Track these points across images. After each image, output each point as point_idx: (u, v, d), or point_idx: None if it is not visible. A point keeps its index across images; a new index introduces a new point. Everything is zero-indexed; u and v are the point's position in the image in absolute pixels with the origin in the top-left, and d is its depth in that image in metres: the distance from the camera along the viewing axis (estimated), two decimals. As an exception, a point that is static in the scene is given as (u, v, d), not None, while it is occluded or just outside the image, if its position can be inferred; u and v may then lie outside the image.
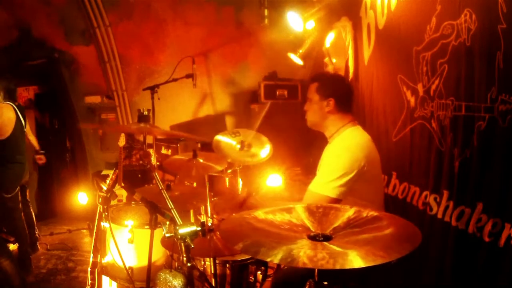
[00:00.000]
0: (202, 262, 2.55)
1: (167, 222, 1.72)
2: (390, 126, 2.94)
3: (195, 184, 3.49)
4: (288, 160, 3.93)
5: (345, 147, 2.19)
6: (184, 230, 1.64)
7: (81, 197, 4.95)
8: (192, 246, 1.62)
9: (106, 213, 2.42)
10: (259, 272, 2.48)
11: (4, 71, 4.90)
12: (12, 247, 4.12)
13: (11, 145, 3.64)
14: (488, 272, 1.97)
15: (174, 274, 1.76)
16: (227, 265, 2.41)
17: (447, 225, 2.26)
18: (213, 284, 2.35)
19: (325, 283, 1.47)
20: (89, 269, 2.69)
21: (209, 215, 2.61)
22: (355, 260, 1.18)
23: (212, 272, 2.35)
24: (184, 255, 1.65)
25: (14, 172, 3.70)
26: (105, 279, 2.79)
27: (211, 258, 2.36)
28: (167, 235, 1.67)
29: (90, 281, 2.67)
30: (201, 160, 2.67)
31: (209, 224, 2.44)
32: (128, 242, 2.68)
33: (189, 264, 1.67)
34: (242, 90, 5.46)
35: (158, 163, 4.20)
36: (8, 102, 3.68)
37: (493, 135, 1.93)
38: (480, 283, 2.03)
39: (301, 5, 3.82)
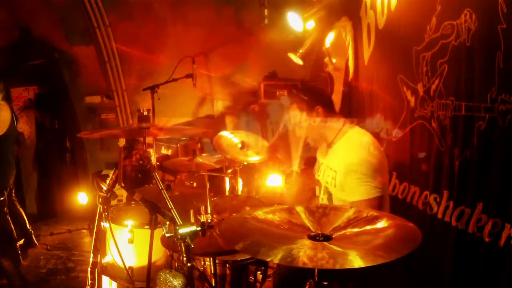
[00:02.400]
0: (202, 262, 2.55)
1: (167, 222, 1.72)
2: (390, 126, 2.94)
3: (195, 184, 3.50)
4: (288, 160, 3.93)
5: (366, 146, 2.18)
6: (184, 230, 1.64)
7: (81, 197, 4.95)
8: (192, 246, 1.63)
9: (106, 213, 2.42)
10: (259, 272, 2.48)
11: (4, 71, 4.91)
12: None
13: (3, 145, 3.59)
14: (488, 272, 1.97)
15: (174, 274, 1.76)
16: (227, 265, 2.41)
17: (447, 225, 2.25)
18: (213, 284, 2.36)
19: (325, 283, 1.48)
20: (89, 269, 2.69)
21: (209, 212, 2.62)
22: (355, 260, 1.18)
23: (212, 272, 2.36)
24: (184, 255, 1.65)
25: (4, 172, 3.64)
26: (105, 279, 2.79)
27: (211, 258, 2.36)
28: (167, 235, 1.67)
29: (90, 281, 2.67)
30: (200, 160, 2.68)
31: (209, 221, 2.45)
32: (128, 242, 2.68)
33: (189, 264, 1.67)
34: (242, 90, 5.45)
35: (158, 163, 4.20)
36: (5, 102, 3.63)
37: (493, 135, 1.93)
38: (480, 283, 2.02)
39: (301, 5, 3.82)
